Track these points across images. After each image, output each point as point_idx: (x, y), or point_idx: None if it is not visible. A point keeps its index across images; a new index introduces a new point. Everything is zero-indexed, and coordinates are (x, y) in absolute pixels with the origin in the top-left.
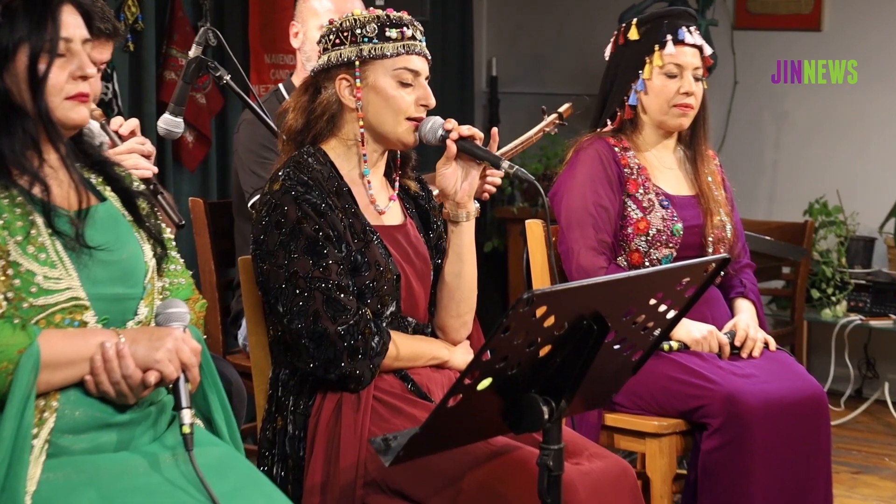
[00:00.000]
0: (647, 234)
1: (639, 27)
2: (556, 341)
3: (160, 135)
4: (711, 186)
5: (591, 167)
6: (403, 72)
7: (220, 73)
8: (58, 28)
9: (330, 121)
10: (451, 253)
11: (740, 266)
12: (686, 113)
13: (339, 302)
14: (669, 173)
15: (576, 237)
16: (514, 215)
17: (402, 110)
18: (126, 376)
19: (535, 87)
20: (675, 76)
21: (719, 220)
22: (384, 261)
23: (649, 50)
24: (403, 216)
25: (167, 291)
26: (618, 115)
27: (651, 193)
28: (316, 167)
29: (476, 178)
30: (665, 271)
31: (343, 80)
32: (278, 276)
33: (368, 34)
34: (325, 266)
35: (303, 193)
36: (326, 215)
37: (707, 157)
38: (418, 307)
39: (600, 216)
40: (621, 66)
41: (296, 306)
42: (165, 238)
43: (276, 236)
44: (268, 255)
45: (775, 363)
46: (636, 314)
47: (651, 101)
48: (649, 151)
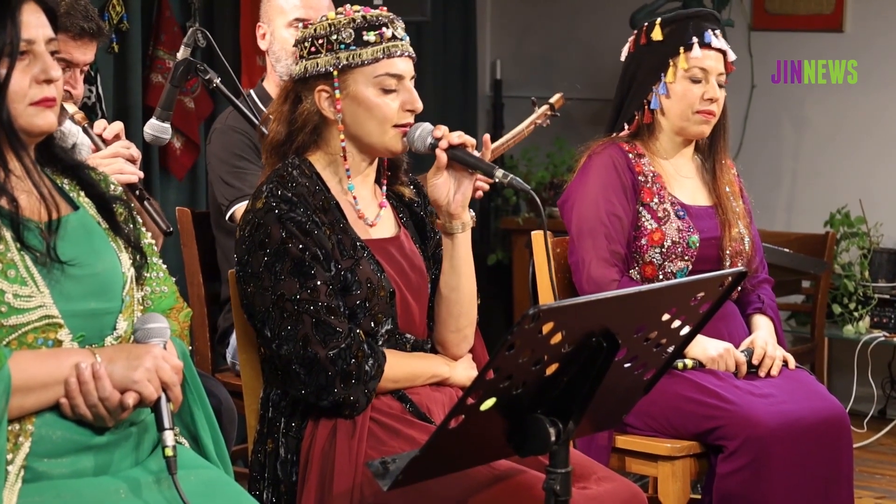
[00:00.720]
0: (661, 246)
1: (663, 27)
2: (564, 359)
3: (146, 141)
4: (730, 197)
5: (605, 174)
6: (385, 78)
7: (209, 76)
8: (18, 29)
9: (314, 132)
10: (447, 266)
11: (758, 281)
12: (708, 120)
13: (329, 325)
14: (686, 182)
15: (587, 247)
16: (520, 226)
17: (388, 118)
18: (103, 398)
19: (542, 91)
20: (699, 81)
21: (737, 233)
22: (376, 277)
23: (674, 51)
24: (397, 226)
25: (149, 301)
26: (636, 118)
27: (666, 203)
28: (301, 181)
29: (469, 187)
30: (679, 286)
31: (322, 92)
32: (264, 299)
33: (345, 40)
34: (312, 287)
35: (287, 211)
36: (312, 234)
37: (725, 167)
38: (416, 323)
39: (613, 226)
40: (642, 68)
41: (284, 331)
42: (146, 245)
43: (261, 257)
44: (252, 277)
45: (795, 382)
46: (648, 330)
47: (673, 105)
48: (665, 159)
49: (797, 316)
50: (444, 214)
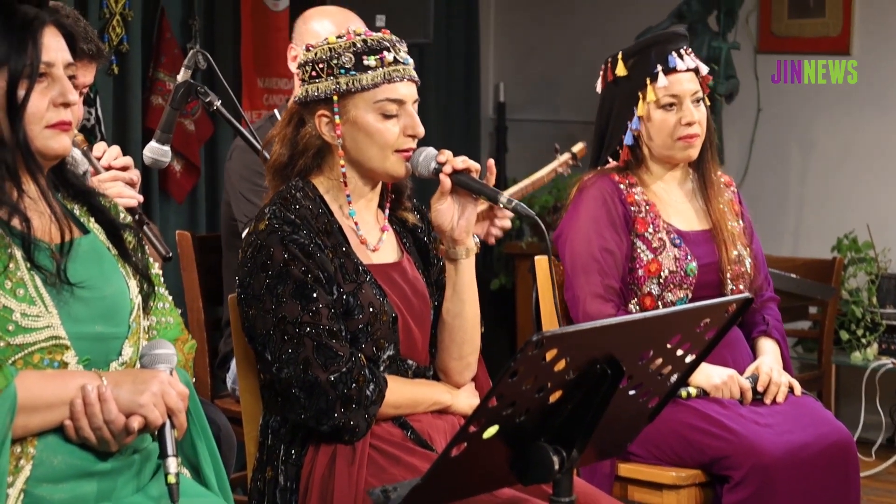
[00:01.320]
0: (659, 277)
1: (625, 61)
2: (568, 386)
3: (146, 163)
4: (726, 217)
5: (595, 208)
6: (385, 103)
7: (209, 98)
8: (39, 51)
9: (316, 156)
10: (450, 292)
11: (763, 300)
12: (692, 143)
13: (331, 348)
14: (681, 207)
15: (581, 284)
16: (523, 250)
17: (389, 144)
18: (108, 421)
19: (546, 114)
20: (672, 108)
21: (736, 255)
22: (379, 302)
23: (640, 84)
24: (400, 251)
25: (154, 331)
26: (620, 153)
27: (661, 232)
28: (304, 203)
29: (473, 213)
30: (684, 312)
31: (322, 117)
32: (265, 321)
33: (344, 65)
34: (314, 310)
35: (290, 233)
36: (315, 256)
37: (719, 186)
38: (418, 349)
39: (606, 261)
40: (615, 104)
41: (284, 354)
42: (153, 274)
43: (262, 279)
44: (254, 299)
45: (801, 409)
46: (653, 358)
47: (652, 138)
48: (657, 186)
49: (804, 342)
50: (448, 240)
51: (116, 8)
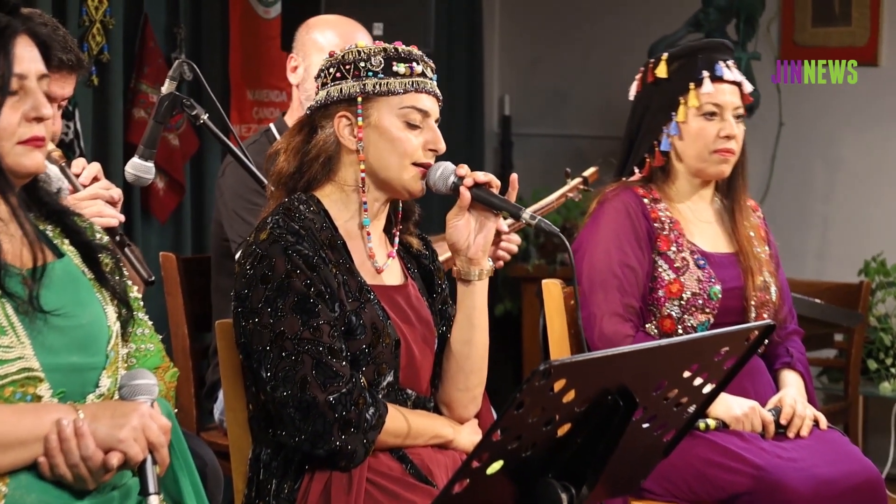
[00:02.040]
0: (680, 298)
1: (669, 63)
2: (577, 419)
3: (127, 181)
4: (753, 242)
5: (617, 221)
6: (411, 111)
7: (196, 111)
8: (10, 62)
9: (326, 164)
10: (460, 317)
11: (787, 333)
12: (727, 159)
13: (331, 367)
14: (706, 228)
15: (598, 301)
16: (530, 274)
17: (408, 154)
18: (85, 458)
19: (554, 128)
20: (713, 117)
21: (762, 281)
22: (382, 324)
23: (683, 88)
24: (404, 276)
25: (133, 359)
26: (647, 162)
27: (685, 251)
28: (308, 215)
29: (492, 230)
30: (701, 340)
31: (343, 118)
32: (262, 336)
33: (373, 68)
34: (315, 326)
35: (293, 244)
36: (319, 269)
37: (747, 209)
38: (419, 378)
39: (627, 278)
40: (651, 108)
41: (281, 371)
42: (132, 298)
43: (262, 292)
44: (251, 312)
45: (826, 444)
46: (668, 388)
47: (687, 146)
48: (683, 203)
49: (829, 372)
50: (463, 259)
51: (97, 15)
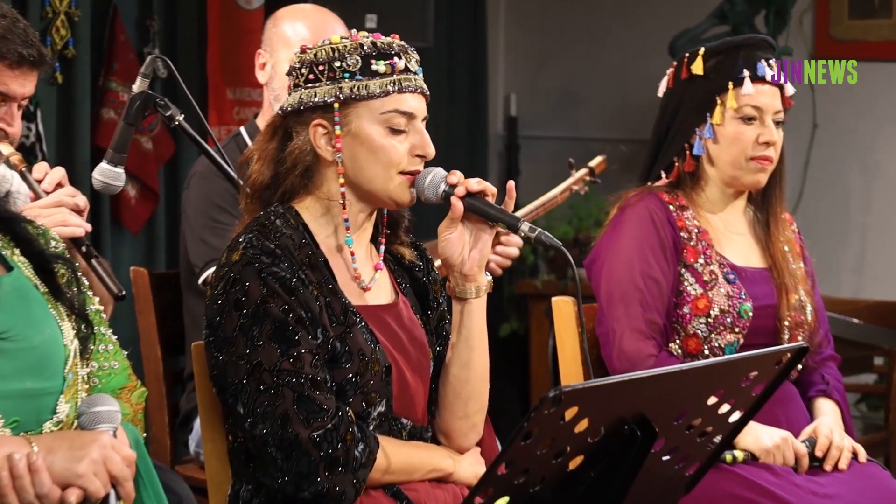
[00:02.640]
0: (707, 316)
1: (706, 58)
2: (591, 451)
3: (95, 188)
4: (788, 257)
5: (640, 229)
6: (394, 115)
7: (170, 112)
8: None
9: (304, 175)
10: (456, 338)
11: (822, 358)
12: (765, 168)
13: (314, 401)
14: (737, 240)
15: (618, 316)
16: (538, 290)
17: (394, 163)
18: (41, 496)
19: (564, 130)
20: (752, 121)
21: (797, 300)
22: (370, 349)
23: (721, 88)
24: (394, 293)
25: (96, 378)
26: (676, 166)
27: (714, 264)
28: (285, 231)
29: (488, 243)
30: (728, 363)
31: (318, 127)
32: (238, 368)
33: (349, 68)
34: (296, 356)
35: (268, 266)
36: (298, 292)
37: (783, 222)
38: (415, 406)
39: (650, 291)
40: (683, 107)
41: (260, 407)
42: (92, 311)
43: (236, 319)
44: (225, 342)
45: (866, 479)
46: (691, 417)
47: (722, 151)
48: (713, 212)
49: (868, 399)
50: (457, 276)
51: (61, 6)
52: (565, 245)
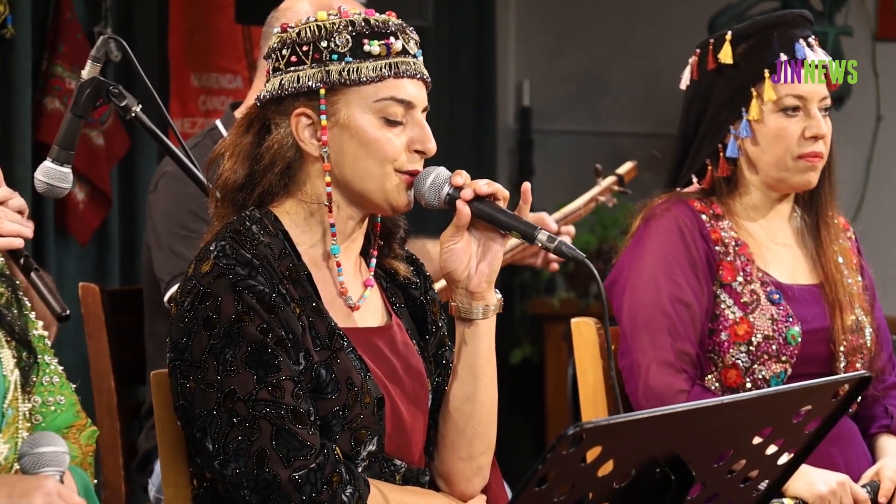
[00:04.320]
0: (748, 343)
1: (735, 43)
2: (617, 497)
3: (38, 190)
4: (842, 270)
5: (667, 244)
6: (390, 103)
7: (125, 101)
8: None
9: (284, 173)
10: (461, 366)
11: (885, 387)
12: (815, 165)
13: (296, 436)
14: (783, 253)
15: (643, 347)
16: (555, 310)
17: (389, 159)
18: None
19: (585, 123)
20: (796, 113)
21: (854, 321)
22: (359, 378)
23: (755, 77)
24: (387, 314)
25: (39, 415)
26: (708, 170)
27: (755, 283)
28: (263, 239)
29: (499, 256)
30: (775, 396)
31: (302, 117)
32: (207, 397)
33: (338, 49)
34: (275, 384)
35: (244, 278)
36: (278, 310)
37: (835, 228)
38: (410, 445)
39: (680, 317)
40: (713, 102)
41: (233, 442)
42: (35, 337)
43: (205, 340)
44: (192, 367)
45: None
46: (733, 459)
47: (763, 151)
48: (754, 221)
49: None
50: (462, 292)
51: None
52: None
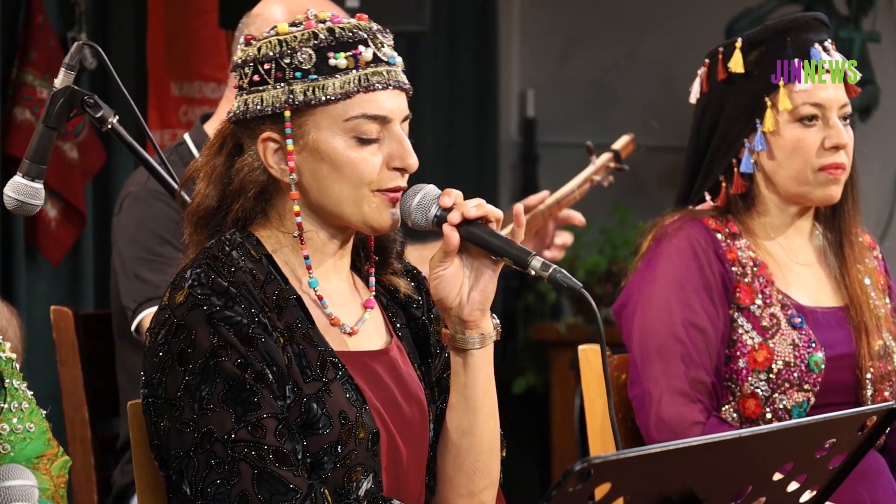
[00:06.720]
0: (768, 371)
1: (746, 51)
2: None
3: (7, 207)
4: (868, 292)
5: (680, 265)
6: (361, 121)
7: (101, 112)
8: None
9: (259, 197)
10: (457, 399)
11: None
12: (837, 178)
13: (280, 479)
14: (804, 273)
15: (655, 376)
16: (561, 336)
17: (365, 181)
18: None
19: (594, 136)
20: (813, 122)
21: (881, 346)
22: (354, 411)
23: (768, 86)
24: (387, 334)
25: (7, 444)
26: (722, 187)
27: (775, 306)
28: (244, 265)
29: (493, 282)
30: (797, 429)
31: (269, 142)
32: (183, 438)
33: (301, 65)
34: (255, 423)
35: (220, 309)
36: (258, 342)
37: (860, 247)
38: (409, 482)
39: (694, 343)
40: (724, 115)
41: (211, 486)
42: (2, 360)
43: (180, 376)
44: (167, 405)
45: None
46: (752, 496)
47: (781, 165)
48: (772, 239)
49: None
50: (454, 321)
51: None
52: (597, 278)
